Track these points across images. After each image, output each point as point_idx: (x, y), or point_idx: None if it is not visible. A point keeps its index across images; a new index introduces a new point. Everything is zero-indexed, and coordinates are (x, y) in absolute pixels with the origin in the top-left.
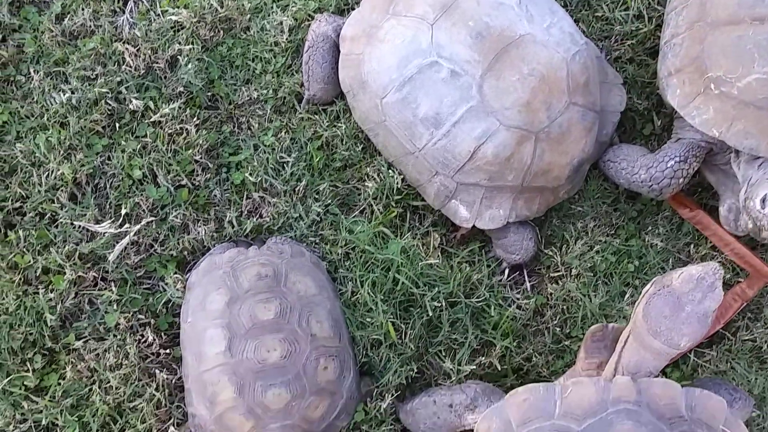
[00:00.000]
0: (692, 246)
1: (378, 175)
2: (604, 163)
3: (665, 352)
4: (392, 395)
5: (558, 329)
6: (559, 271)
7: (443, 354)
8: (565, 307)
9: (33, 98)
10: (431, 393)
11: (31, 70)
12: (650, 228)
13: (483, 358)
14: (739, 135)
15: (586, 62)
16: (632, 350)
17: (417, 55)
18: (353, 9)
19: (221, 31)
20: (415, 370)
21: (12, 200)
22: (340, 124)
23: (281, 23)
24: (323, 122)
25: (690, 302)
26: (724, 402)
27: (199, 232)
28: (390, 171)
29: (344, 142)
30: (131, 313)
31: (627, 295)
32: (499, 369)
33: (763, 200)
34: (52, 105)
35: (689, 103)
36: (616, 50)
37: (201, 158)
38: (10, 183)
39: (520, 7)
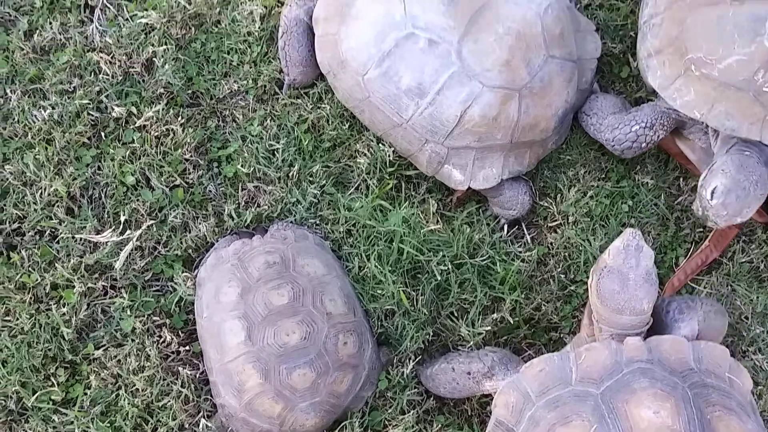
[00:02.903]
0: (681, 180)
1: (368, 150)
2: (580, 114)
3: (636, 322)
4: (412, 360)
5: (562, 276)
6: (556, 221)
7: (456, 315)
8: (566, 254)
9: (14, 118)
10: (450, 359)
11: (8, 91)
12: (639, 167)
13: (495, 315)
14: (720, 116)
15: (558, 14)
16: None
17: (392, 28)
18: None
19: (192, 28)
20: (431, 334)
21: (9, 222)
22: (324, 105)
23: (251, 12)
24: (307, 105)
25: (630, 269)
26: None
27: (200, 229)
28: (380, 145)
29: (330, 122)
30: (146, 316)
31: None
32: (512, 322)
33: (713, 191)
34: (34, 123)
35: (670, 85)
36: None
37: (191, 156)
38: (5, 205)
39: None
